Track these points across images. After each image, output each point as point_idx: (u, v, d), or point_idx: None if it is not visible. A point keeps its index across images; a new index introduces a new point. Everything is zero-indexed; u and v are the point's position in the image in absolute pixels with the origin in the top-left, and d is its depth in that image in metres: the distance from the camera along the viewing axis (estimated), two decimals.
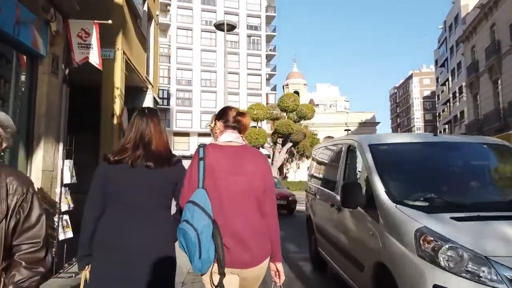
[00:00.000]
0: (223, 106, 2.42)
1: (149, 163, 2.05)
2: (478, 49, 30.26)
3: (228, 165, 1.99)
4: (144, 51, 11.63)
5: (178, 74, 52.29)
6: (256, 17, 55.55)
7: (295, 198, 14.54)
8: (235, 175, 1.98)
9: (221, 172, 1.96)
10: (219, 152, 2.03)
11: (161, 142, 2.15)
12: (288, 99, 27.79)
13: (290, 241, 8.86)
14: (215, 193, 1.93)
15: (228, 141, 2.09)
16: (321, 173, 6.25)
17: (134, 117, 2.22)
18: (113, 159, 2.07)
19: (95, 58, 5.71)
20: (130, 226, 2.00)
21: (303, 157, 44.87)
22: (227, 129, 2.14)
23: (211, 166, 1.97)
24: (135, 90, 11.94)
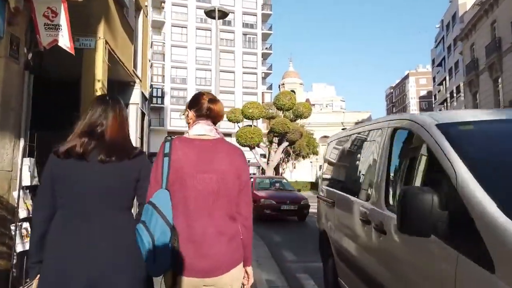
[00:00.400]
0: (196, 93, 2.09)
1: (102, 156, 1.81)
2: (477, 47, 29.75)
3: (197, 161, 1.78)
4: (131, 43, 10.89)
5: (172, 72, 51.52)
6: (252, 15, 54.87)
7: (307, 202, 12.89)
8: (205, 173, 1.76)
9: (189, 169, 1.76)
10: (188, 146, 1.82)
11: (118, 132, 1.91)
12: (285, 97, 27.05)
13: (286, 246, 8.15)
14: (181, 193, 1.74)
15: (200, 134, 1.87)
16: (341, 173, 4.63)
17: (90, 103, 2.02)
18: (62, 151, 1.83)
19: (66, 41, 4.96)
20: (81, 242, 1.73)
21: (299, 157, 44.18)
22: (200, 119, 1.92)
23: (178, 162, 1.76)
24: (120, 84, 11.20)
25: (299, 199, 12.82)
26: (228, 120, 29.57)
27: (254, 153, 29.04)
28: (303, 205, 12.66)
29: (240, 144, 28.63)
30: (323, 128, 63.17)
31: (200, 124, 1.90)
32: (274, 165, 29.21)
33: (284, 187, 14.54)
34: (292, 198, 12.84)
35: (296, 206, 12.47)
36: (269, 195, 12.76)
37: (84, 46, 8.16)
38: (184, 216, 1.73)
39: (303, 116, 28.21)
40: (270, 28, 57.28)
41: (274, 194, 13.07)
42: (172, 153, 1.78)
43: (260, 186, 14.33)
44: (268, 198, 12.46)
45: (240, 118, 28.75)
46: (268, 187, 14.39)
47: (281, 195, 13.06)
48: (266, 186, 14.49)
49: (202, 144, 1.85)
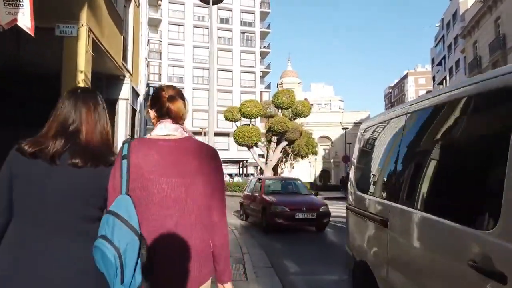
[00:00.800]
0: (157, 87, 1.79)
1: (75, 160, 1.55)
2: (480, 45, 29.10)
3: (160, 164, 1.53)
4: (120, 34, 10.14)
5: (169, 71, 50.78)
6: (250, 13, 54.16)
7: (327, 209, 10.55)
8: (169, 177, 1.53)
9: (150, 173, 1.52)
10: (149, 148, 1.56)
11: (95, 132, 1.65)
12: (283, 95, 26.30)
13: (288, 255, 7.40)
14: (141, 201, 1.51)
15: (164, 135, 1.62)
16: (400, 174, 2.77)
17: (60, 99, 1.72)
18: (29, 150, 1.54)
19: (26, 21, 4.23)
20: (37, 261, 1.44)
21: (298, 157, 43.50)
22: (162, 119, 1.66)
23: (138, 166, 1.52)
24: (109, 78, 10.48)
25: (317, 205, 10.50)
26: (226, 119, 28.82)
27: (252, 152, 28.29)
28: (322, 213, 10.29)
29: (238, 143, 27.88)
30: (322, 128, 62.61)
31: (164, 123, 1.65)
32: (273, 165, 28.46)
33: (298, 190, 12.26)
34: (309, 204, 10.52)
35: (314, 214, 10.12)
36: (281, 200, 10.51)
37: (65, 34, 7.45)
38: (147, 228, 1.50)
39: (303, 114, 27.50)
40: (268, 27, 56.61)
41: (287, 199, 10.81)
42: (131, 155, 1.54)
43: (270, 189, 12.10)
44: (280, 204, 10.18)
45: (237, 117, 28.00)
46: (279, 190, 12.19)
47: (295, 200, 10.81)
48: (277, 189, 12.29)
49: (166, 144, 1.60)
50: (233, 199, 23.36)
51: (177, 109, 1.65)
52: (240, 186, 26.93)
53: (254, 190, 12.42)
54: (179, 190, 1.54)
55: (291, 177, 15.20)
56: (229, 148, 49.68)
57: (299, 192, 12.11)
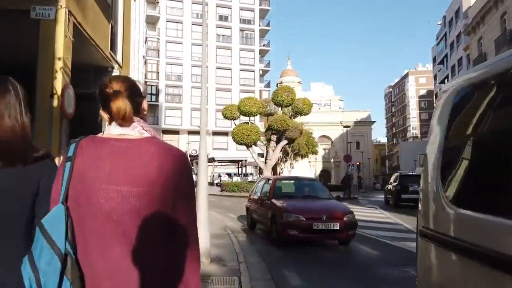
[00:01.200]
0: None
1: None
2: (486, 41, 28.38)
3: (110, 169, 1.28)
4: (107, 21, 9.36)
5: (167, 69, 50.04)
6: (249, 11, 53.44)
7: (353, 218, 8.35)
8: (120, 184, 1.26)
9: (96, 179, 1.27)
10: (99, 149, 1.32)
11: (6, 124, 1.45)
12: (283, 93, 25.54)
13: (290, 265, 6.64)
14: (84, 213, 1.26)
15: (118, 134, 1.34)
16: None
17: None
18: None
19: None
20: None
21: (297, 156, 42.76)
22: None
23: (82, 170, 1.29)
24: (97, 70, 9.70)
25: (341, 212, 8.27)
26: (224, 117, 28.06)
27: (251, 151, 27.51)
28: (347, 223, 8.07)
29: (237, 142, 27.10)
30: (322, 128, 61.97)
31: (117, 122, 1.35)
32: (272, 165, 27.68)
33: (317, 194, 9.89)
34: (331, 211, 8.34)
35: (337, 225, 7.88)
36: (295, 206, 8.43)
37: (42, 17, 6.67)
38: (87, 245, 1.25)
39: (303, 112, 26.74)
40: (268, 24, 55.90)
41: (302, 205, 8.70)
42: (77, 158, 1.30)
43: (282, 191, 9.91)
44: (294, 212, 8.10)
45: (236, 115, 27.23)
46: (293, 194, 9.94)
47: (313, 206, 8.71)
48: (290, 192, 10.07)
49: (119, 145, 1.31)
50: (230, 199, 22.67)
51: (116, 109, 1.30)
52: (238, 186, 26.12)
53: (263, 192, 10.18)
54: (131, 201, 1.26)
55: (307, 177, 13.19)
56: (228, 147, 48.98)
57: (317, 195, 9.75)
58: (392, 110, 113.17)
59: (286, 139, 26.45)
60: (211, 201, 20.55)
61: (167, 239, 1.30)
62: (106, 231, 1.25)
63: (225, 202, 19.81)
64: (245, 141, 25.97)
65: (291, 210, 8.19)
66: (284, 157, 40.14)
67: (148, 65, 49.78)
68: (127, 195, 1.25)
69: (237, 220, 12.56)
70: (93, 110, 6.69)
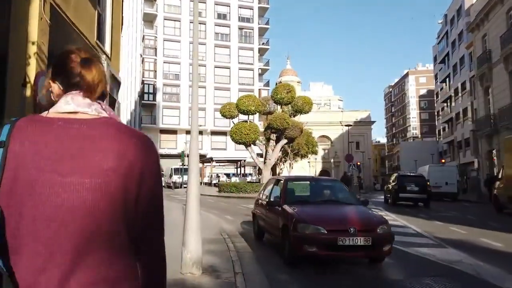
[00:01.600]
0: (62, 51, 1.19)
1: None
2: (490, 38, 27.69)
3: (55, 156, 1.06)
4: (92, 8, 8.63)
5: (165, 67, 49.33)
6: (248, 9, 52.81)
7: (389, 230, 6.46)
8: (68, 176, 1.05)
9: (38, 170, 1.05)
10: (42, 131, 1.09)
11: None
12: (283, 90, 24.80)
13: (298, 281, 5.89)
14: (21, 212, 1.04)
15: (68, 112, 1.12)
16: None
17: None
18: None
19: None
20: None
21: (297, 156, 42.01)
22: (70, 91, 1.14)
23: (21, 157, 1.06)
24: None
25: (373, 222, 6.45)
26: (222, 115, 27.32)
27: (250, 151, 26.76)
28: (382, 236, 6.21)
29: (235, 141, 26.33)
30: (321, 128, 61.28)
31: (70, 96, 1.12)
32: (272, 164, 26.94)
33: (339, 198, 7.90)
34: (360, 220, 6.44)
35: (369, 239, 6.00)
36: (313, 215, 6.58)
37: None
38: (24, 255, 1.01)
39: (303, 111, 26.02)
40: (267, 23, 55.24)
41: (322, 212, 6.84)
42: (13, 142, 1.06)
43: (296, 196, 8.00)
44: (312, 222, 6.23)
45: (235, 113, 26.47)
46: (309, 198, 7.91)
47: (337, 214, 6.83)
48: (305, 196, 8.06)
49: (68, 126, 1.09)
50: (228, 200, 21.88)
51: (94, 78, 1.13)
52: (236, 187, 25.32)
53: (272, 196, 8.13)
54: (83, 197, 1.04)
55: (326, 177, 10.87)
56: (227, 147, 48.28)
57: (340, 200, 7.75)
58: (392, 110, 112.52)
59: (286, 138, 25.72)
60: (208, 202, 19.91)
61: (127, 246, 1.08)
62: (48, 234, 1.02)
63: (222, 204, 19.06)
64: (244, 140, 25.22)
65: (308, 220, 6.24)
66: (284, 157, 39.42)
67: (145, 64, 49.09)
68: (78, 188, 1.04)
69: (235, 223, 11.82)
70: None
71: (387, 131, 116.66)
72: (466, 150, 43.52)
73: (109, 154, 1.06)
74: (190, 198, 5.54)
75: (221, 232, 9.13)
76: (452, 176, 25.58)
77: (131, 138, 1.10)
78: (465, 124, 43.94)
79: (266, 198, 8.53)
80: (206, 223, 10.67)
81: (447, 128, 54.44)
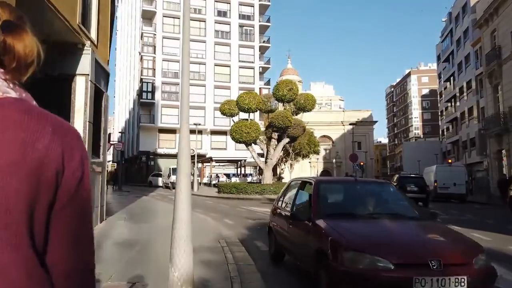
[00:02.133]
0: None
1: None
2: (500, 33, 26.72)
3: None
4: None
5: (164, 65, 48.34)
6: (249, 6, 51.82)
7: (488, 263, 4.09)
8: None
9: None
10: None
11: None
12: (285, 87, 23.80)
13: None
14: None
15: None
16: None
17: None
18: None
19: None
20: None
21: (298, 156, 41.03)
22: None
23: None
24: (61, 46, 7.99)
25: (465, 251, 4.17)
26: (222, 113, 26.32)
27: (250, 150, 25.76)
28: (481, 273, 3.94)
29: (235, 140, 25.33)
30: (322, 128, 60.40)
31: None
32: (274, 164, 25.95)
33: (394, 209, 5.60)
34: (445, 250, 4.19)
35: (464, 278, 3.66)
36: (368, 237, 4.34)
37: None
38: None
39: (306, 109, 25.01)
40: (268, 20, 54.25)
41: (382, 234, 4.57)
42: None
43: (334, 205, 5.75)
44: (371, 251, 3.93)
45: (235, 111, 25.48)
46: (352, 209, 5.37)
47: (406, 237, 4.54)
48: (346, 206, 5.68)
49: None
50: (228, 202, 20.81)
51: (26, 49, 0.86)
52: (236, 188, 24.31)
53: (297, 204, 5.85)
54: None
55: (373, 180, 7.52)
56: (227, 147, 47.31)
57: (398, 213, 5.40)
58: (393, 110, 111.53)
59: (288, 137, 24.74)
60: (206, 204, 18.93)
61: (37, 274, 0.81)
62: None
63: (221, 205, 18.08)
64: (244, 139, 24.23)
65: (362, 246, 4.01)
66: (285, 157, 38.44)
67: (144, 62, 48.15)
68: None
69: (235, 227, 10.82)
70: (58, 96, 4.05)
71: (389, 131, 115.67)
72: (472, 150, 42.60)
73: (11, 146, 0.79)
74: (180, 202, 4.57)
75: (219, 238, 8.16)
76: (460, 177, 24.62)
77: (44, 127, 0.83)
78: (471, 124, 42.98)
79: (286, 207, 6.26)
80: (202, 227, 9.71)
81: (451, 128, 53.45)
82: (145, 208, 15.06)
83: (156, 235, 8.42)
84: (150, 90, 47.69)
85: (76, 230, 0.87)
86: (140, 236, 8.37)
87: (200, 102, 47.50)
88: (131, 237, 8.25)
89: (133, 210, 13.68)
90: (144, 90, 47.63)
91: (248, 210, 15.63)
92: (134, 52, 53.01)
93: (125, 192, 25.81)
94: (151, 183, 38.84)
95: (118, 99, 66.49)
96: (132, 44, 55.72)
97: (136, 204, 16.44)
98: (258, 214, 13.99)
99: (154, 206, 15.60)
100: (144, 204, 16.53)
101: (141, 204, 16.40)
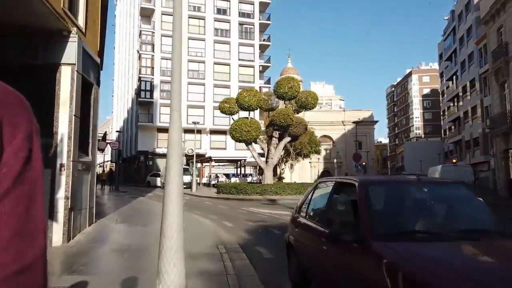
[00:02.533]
0: None
1: None
2: (507, 29, 26.01)
3: None
4: None
5: (162, 64, 47.51)
6: (249, 4, 51.08)
7: None
8: None
9: None
10: None
11: None
12: (287, 84, 23.08)
13: None
14: None
15: None
16: None
17: None
18: None
19: None
20: None
21: (299, 156, 40.35)
22: None
23: None
24: (45, 33, 7.28)
25: None
26: (221, 111, 25.58)
27: (251, 149, 25.04)
28: None
29: (235, 139, 24.60)
30: (323, 127, 59.68)
31: None
32: (275, 163, 25.23)
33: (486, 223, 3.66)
34: None
35: None
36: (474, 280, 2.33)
37: None
38: None
39: (308, 106, 24.28)
40: (268, 18, 53.52)
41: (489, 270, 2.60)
42: None
43: (399, 219, 3.59)
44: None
45: (235, 109, 24.75)
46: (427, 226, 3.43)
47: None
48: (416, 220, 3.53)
49: None
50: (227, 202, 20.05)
51: None
52: (236, 188, 23.56)
53: (332, 215, 3.78)
54: None
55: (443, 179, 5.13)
56: (226, 147, 46.55)
57: (489, 229, 3.57)
58: (394, 110, 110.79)
59: (290, 136, 24.02)
60: (205, 205, 18.19)
61: None
62: None
63: (221, 207, 17.34)
64: (244, 137, 23.51)
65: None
66: (285, 157, 37.74)
67: (142, 60, 47.39)
68: None
69: (235, 231, 10.10)
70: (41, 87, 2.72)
71: (389, 131, 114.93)
72: (475, 150, 41.92)
73: None
74: (170, 204, 3.86)
75: (218, 244, 7.44)
76: (466, 177, 23.92)
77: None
78: (474, 123, 42.28)
79: (315, 217, 4.55)
80: (200, 231, 9.00)
81: (454, 127, 52.74)
82: (140, 210, 14.33)
83: (148, 239, 7.70)
84: (148, 89, 46.94)
85: (21, 218, 0.68)
86: (131, 241, 7.66)
87: (199, 101, 46.83)
88: (121, 242, 7.54)
89: (127, 212, 12.96)
90: (143, 89, 46.88)
91: (249, 211, 14.89)
92: (133, 51, 52.28)
93: (121, 193, 25.06)
94: (149, 183, 38.12)
95: (117, 98, 65.74)
96: (130, 42, 55.01)
97: (131, 205, 15.70)
98: (259, 216, 13.26)
99: (150, 208, 14.87)
100: (139, 206, 15.79)
101: (136, 206, 15.66)
